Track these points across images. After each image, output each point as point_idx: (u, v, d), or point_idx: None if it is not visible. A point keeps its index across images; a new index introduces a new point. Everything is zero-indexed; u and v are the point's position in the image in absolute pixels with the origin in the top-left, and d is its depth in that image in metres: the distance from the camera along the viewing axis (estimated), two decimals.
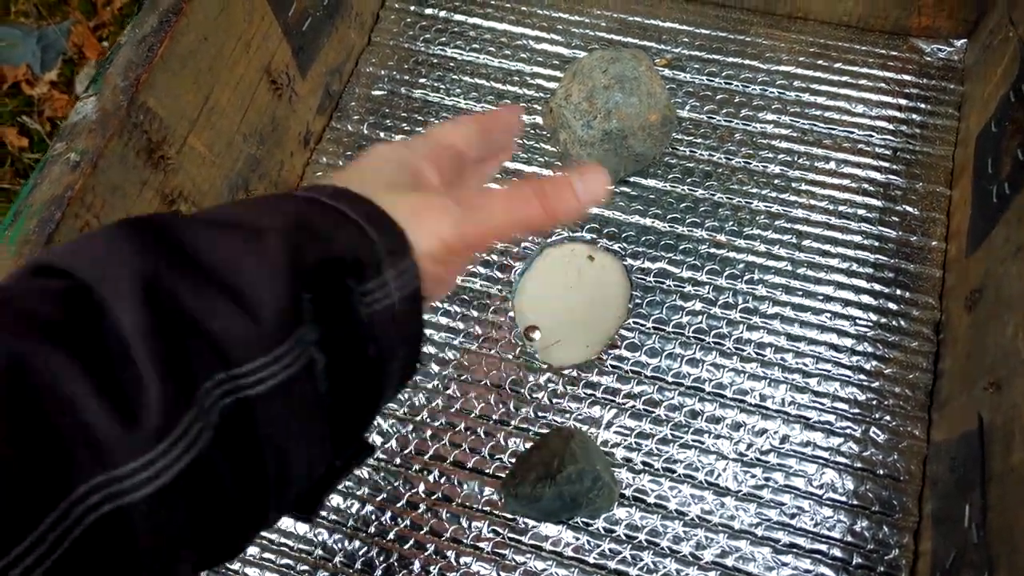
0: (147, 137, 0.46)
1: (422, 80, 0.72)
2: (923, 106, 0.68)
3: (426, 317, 0.60)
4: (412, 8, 0.75)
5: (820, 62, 0.71)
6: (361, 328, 0.26)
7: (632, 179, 0.66)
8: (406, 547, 0.55)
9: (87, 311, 0.23)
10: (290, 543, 0.55)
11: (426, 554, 0.54)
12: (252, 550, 0.55)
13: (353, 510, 0.56)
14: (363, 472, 0.57)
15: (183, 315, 0.23)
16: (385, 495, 0.56)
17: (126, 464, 0.21)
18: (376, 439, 0.58)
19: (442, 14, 0.75)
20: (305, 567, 0.54)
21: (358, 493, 0.56)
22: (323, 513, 0.56)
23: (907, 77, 0.70)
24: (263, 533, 0.55)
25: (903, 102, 0.68)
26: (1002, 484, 0.43)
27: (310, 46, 0.62)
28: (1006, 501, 0.42)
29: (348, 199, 0.28)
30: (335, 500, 0.56)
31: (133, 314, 0.23)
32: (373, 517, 0.56)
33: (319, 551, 0.55)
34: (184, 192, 0.51)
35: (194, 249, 0.24)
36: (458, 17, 0.74)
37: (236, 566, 0.54)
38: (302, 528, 0.55)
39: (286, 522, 0.55)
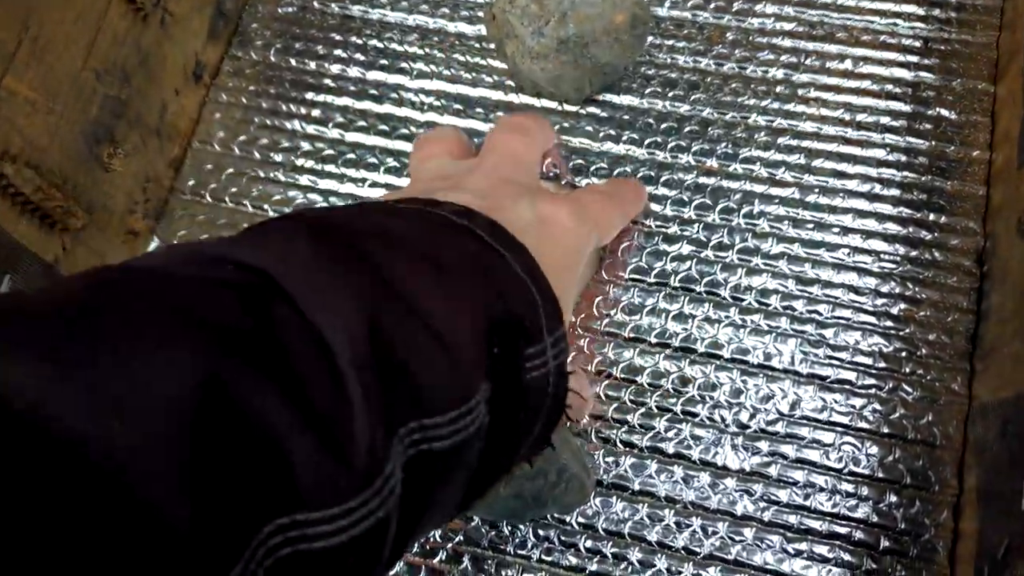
0: None
1: None
2: None
3: None
4: None
5: None
6: (520, 393, 0.26)
7: (601, 97, 0.55)
8: None
9: (282, 327, 0.20)
10: None
11: None
12: None
13: None
14: None
15: (395, 353, 0.22)
16: None
17: (323, 509, 0.20)
18: None
19: None
20: None
21: None
22: None
23: None
24: None
25: None
26: None
27: None
28: None
29: (505, 241, 0.27)
30: None
31: (355, 346, 0.21)
32: None
33: None
34: (12, 150, 0.40)
35: (390, 276, 0.23)
36: None
37: None
38: None
39: None
